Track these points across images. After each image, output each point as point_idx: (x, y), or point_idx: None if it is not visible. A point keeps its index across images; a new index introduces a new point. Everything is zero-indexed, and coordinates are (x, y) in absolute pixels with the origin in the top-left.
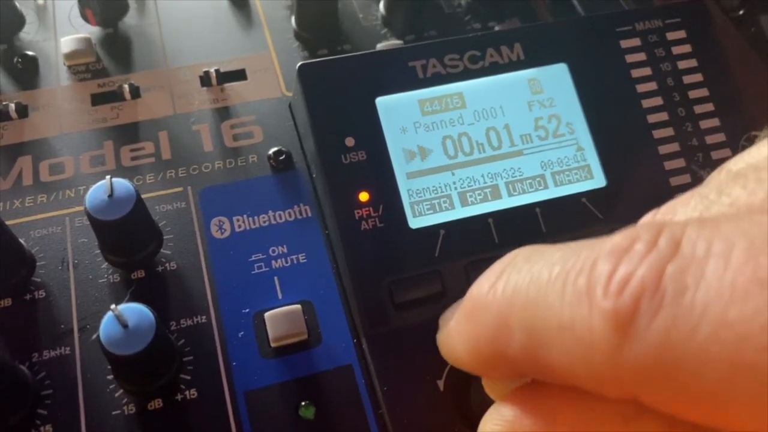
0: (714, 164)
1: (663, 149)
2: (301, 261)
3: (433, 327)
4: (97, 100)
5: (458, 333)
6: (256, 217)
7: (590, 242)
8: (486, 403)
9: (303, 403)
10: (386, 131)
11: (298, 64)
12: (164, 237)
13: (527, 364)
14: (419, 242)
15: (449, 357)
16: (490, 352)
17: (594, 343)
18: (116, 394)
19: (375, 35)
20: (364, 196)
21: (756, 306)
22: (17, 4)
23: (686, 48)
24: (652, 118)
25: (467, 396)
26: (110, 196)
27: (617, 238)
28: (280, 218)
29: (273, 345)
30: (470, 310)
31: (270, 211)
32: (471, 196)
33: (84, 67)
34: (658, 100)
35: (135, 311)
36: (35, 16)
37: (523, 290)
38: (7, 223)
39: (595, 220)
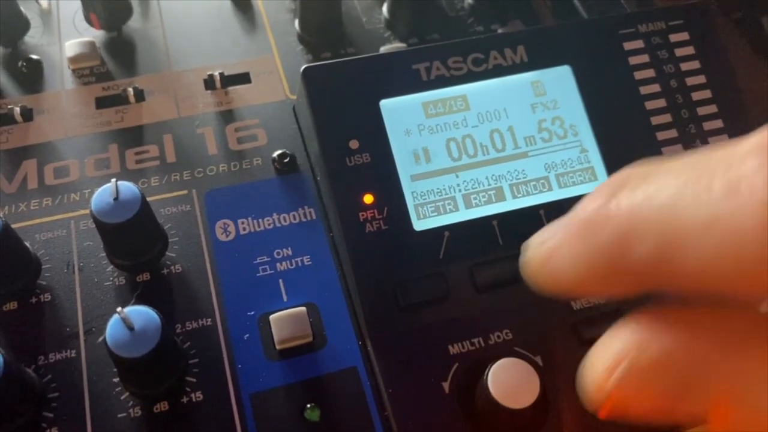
0: None
1: (667, 150)
2: (306, 263)
3: (438, 329)
4: (102, 103)
5: (566, 252)
6: (260, 220)
7: (709, 151)
8: (491, 406)
9: (308, 406)
10: (390, 134)
11: (302, 67)
12: (169, 240)
13: (655, 272)
14: (424, 244)
15: (548, 279)
16: (608, 265)
17: (745, 239)
18: (122, 397)
19: (378, 38)
20: (368, 199)
21: None
22: (22, 8)
23: (689, 50)
24: (655, 120)
25: (472, 398)
26: (115, 199)
27: (757, 138)
28: (285, 221)
29: (278, 347)
30: (582, 227)
31: (274, 214)
32: (475, 198)
33: (88, 70)
34: (661, 102)
35: (141, 314)
36: (40, 21)
37: (649, 200)
38: (13, 226)
39: None
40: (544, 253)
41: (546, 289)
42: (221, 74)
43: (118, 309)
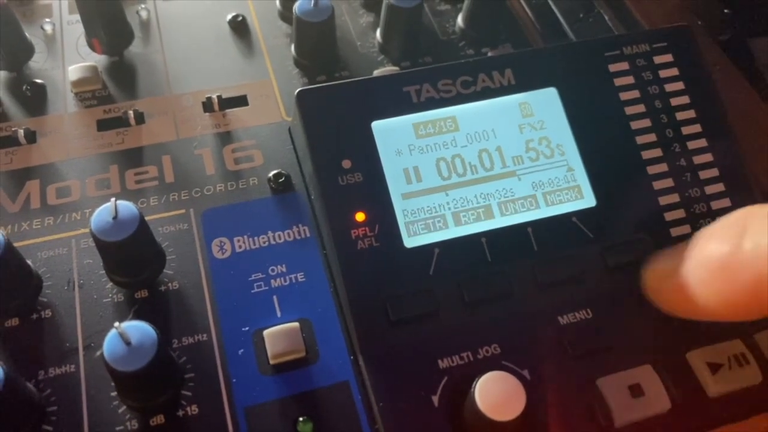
0: (702, 184)
1: (651, 169)
2: (300, 280)
3: (428, 343)
4: (103, 125)
5: (708, 289)
6: (256, 238)
7: None
8: (478, 418)
9: (301, 419)
10: (382, 154)
11: (297, 90)
12: (167, 257)
13: None
14: (414, 261)
15: (681, 306)
16: (750, 301)
17: None
18: (119, 411)
19: (372, 61)
20: (360, 217)
21: None
22: (27, 34)
23: (673, 71)
24: (640, 139)
25: (461, 411)
26: (115, 218)
27: None
28: (280, 238)
29: (272, 362)
30: (720, 268)
31: (269, 232)
32: (464, 216)
33: (90, 94)
34: (646, 122)
35: (138, 329)
36: (44, 46)
37: None
38: (16, 244)
39: (586, 239)
40: (676, 286)
41: (677, 313)
42: (219, 97)
43: (116, 324)
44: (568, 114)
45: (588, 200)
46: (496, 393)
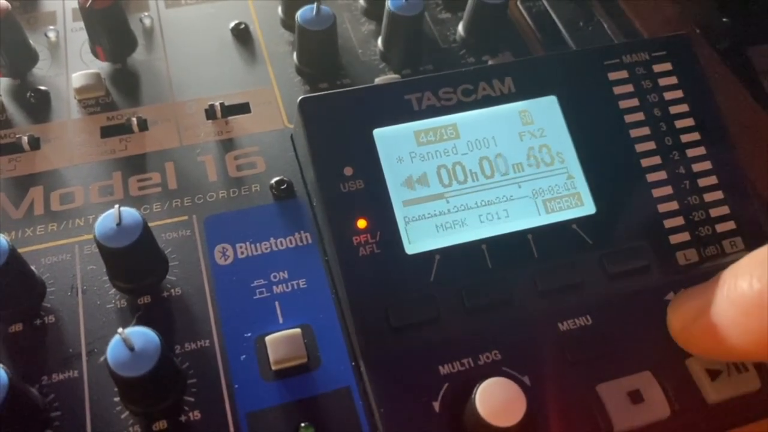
0: (701, 191)
1: (651, 177)
2: (302, 286)
3: (429, 350)
4: (107, 132)
5: (740, 329)
6: (258, 244)
7: None
8: (479, 424)
9: (302, 425)
10: (383, 161)
11: (299, 98)
12: (170, 264)
13: None
14: (415, 267)
15: (714, 349)
16: None
17: None
18: (122, 416)
19: (373, 69)
20: (362, 223)
21: None
22: (31, 41)
23: (672, 80)
24: (639, 147)
25: (462, 417)
26: (118, 224)
27: None
28: (282, 245)
29: (274, 368)
30: (752, 306)
31: (272, 238)
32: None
33: (94, 101)
34: (645, 130)
35: (141, 335)
36: (48, 53)
37: None
38: (20, 250)
39: (585, 246)
40: (704, 327)
41: (706, 355)
42: (222, 104)
43: (119, 330)
44: (568, 122)
45: (588, 207)
46: (496, 399)
